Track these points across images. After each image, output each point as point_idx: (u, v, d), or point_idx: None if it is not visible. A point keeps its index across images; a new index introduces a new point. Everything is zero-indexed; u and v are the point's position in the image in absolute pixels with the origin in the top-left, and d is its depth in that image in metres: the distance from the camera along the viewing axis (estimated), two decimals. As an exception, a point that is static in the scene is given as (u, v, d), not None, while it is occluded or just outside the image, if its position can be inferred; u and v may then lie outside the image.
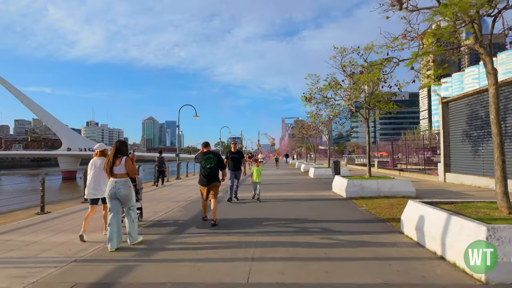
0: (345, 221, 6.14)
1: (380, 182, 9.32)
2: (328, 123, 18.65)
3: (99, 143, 5.71)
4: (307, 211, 7.27)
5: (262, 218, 6.52)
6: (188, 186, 13.72)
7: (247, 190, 10.30)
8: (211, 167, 6.11)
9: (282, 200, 9.05)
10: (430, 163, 21.68)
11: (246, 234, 5.22)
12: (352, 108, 10.66)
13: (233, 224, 6.09)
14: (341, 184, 9.93)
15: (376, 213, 6.83)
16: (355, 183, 9.30)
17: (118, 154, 4.57)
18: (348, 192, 9.20)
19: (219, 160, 6.28)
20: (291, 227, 5.75)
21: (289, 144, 68.30)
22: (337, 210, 7.35)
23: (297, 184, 13.74)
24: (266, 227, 5.74)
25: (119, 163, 4.52)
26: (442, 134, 13.43)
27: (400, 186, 9.26)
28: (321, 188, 12.10)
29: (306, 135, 25.60)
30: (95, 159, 5.24)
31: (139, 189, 6.11)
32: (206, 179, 6.10)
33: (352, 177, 10.25)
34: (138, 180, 6.06)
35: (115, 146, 4.64)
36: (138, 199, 5.87)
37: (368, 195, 9.14)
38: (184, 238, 5.13)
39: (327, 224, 5.86)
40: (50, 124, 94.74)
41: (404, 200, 8.18)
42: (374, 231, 5.30)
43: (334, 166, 13.85)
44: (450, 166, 13.16)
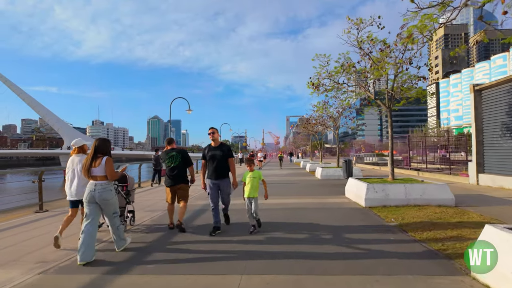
0: (376, 252, 4.18)
1: (409, 187, 7.34)
2: (337, 118, 16.62)
3: (79, 139, 5.15)
4: (315, 228, 5.34)
5: (251, 241, 4.62)
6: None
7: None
8: (174, 166, 5.46)
9: (283, 209, 7.13)
10: (447, 162, 19.68)
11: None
12: (371, 95, 8.67)
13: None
14: (357, 188, 7.98)
15: (414, 233, 4.88)
16: (376, 188, 7.34)
17: (98, 153, 4.15)
18: (368, 200, 7.24)
19: (184, 157, 5.57)
20: (294, 258, 3.83)
21: (293, 142, 66.18)
22: (358, 229, 5.39)
23: (302, 187, 11.79)
24: (257, 260, 3.84)
25: (99, 164, 4.11)
26: (474, 128, 11.36)
27: (434, 192, 7.27)
28: (331, 192, 10.14)
29: (311, 131, 23.55)
30: (73, 157, 4.83)
31: (130, 190, 5.58)
32: (170, 180, 5.46)
33: (371, 180, 8.27)
34: (129, 180, 5.57)
35: (94, 144, 4.20)
36: (129, 202, 5.49)
37: (393, 204, 7.18)
38: (174, 249, 4.49)
39: (350, 255, 3.93)
40: (52, 123, 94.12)
41: (445, 212, 6.22)
42: (425, 271, 3.36)
43: (345, 166, 11.89)
44: (484, 166, 11.10)
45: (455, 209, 6.60)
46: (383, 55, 7.95)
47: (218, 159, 5.27)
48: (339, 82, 9.27)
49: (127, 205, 5.43)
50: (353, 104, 17.49)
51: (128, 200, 5.45)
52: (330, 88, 9.79)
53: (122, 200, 5.27)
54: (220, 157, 5.28)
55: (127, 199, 5.41)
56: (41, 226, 6.04)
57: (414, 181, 7.95)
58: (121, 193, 5.27)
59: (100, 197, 4.03)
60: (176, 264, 3.84)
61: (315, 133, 23.71)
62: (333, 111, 16.34)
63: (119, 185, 5.29)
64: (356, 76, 8.98)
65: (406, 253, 4.01)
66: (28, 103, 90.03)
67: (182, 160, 5.50)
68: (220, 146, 5.41)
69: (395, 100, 8.30)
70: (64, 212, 7.09)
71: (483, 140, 11.12)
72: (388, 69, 7.72)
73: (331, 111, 16.49)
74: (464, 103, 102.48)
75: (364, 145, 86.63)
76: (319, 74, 9.42)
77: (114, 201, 4.20)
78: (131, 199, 5.56)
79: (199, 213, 7.14)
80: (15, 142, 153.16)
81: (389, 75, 8.13)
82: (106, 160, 4.15)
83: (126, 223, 5.43)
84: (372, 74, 8.17)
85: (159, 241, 4.82)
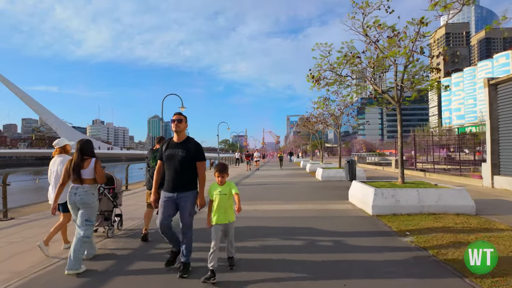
0: (393, 285, 3.27)
1: (422, 192, 6.42)
2: (339, 116, 15.69)
3: (61, 139, 4.75)
4: (317, 248, 4.44)
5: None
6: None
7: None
8: None
9: (278, 219, 6.21)
10: (453, 162, 18.84)
11: None
12: (378, 88, 7.73)
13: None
14: (363, 194, 7.06)
15: (436, 252, 3.96)
16: (385, 194, 6.42)
17: (82, 156, 3.88)
18: (376, 207, 6.32)
19: None
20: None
21: (293, 142, 65.20)
22: (367, 247, 4.47)
23: (302, 190, 10.88)
24: None
25: (87, 166, 3.86)
26: (488, 125, 10.44)
27: (451, 198, 6.35)
28: (333, 196, 9.23)
29: (311, 130, 22.61)
30: (55, 158, 4.51)
31: (117, 193, 5.20)
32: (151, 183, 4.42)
33: (378, 184, 7.36)
34: (117, 182, 5.21)
35: (79, 146, 3.92)
36: (116, 205, 5.14)
37: (405, 211, 6.27)
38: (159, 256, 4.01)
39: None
40: (51, 122, 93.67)
41: (467, 222, 5.35)
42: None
43: (348, 167, 10.97)
44: (500, 167, 10.18)
45: (478, 219, 5.69)
46: (392, 42, 7.03)
47: (179, 160, 3.47)
48: (342, 74, 8.34)
49: (114, 208, 5.09)
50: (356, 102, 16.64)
51: (116, 204, 5.10)
52: (332, 82, 8.87)
53: (109, 203, 5.01)
54: (182, 158, 3.47)
55: (115, 202, 5.07)
56: (1, 237, 5.16)
57: (427, 185, 7.04)
58: (107, 196, 4.98)
59: (80, 200, 3.75)
60: (159, 275, 3.46)
61: (315, 132, 22.77)
62: (335, 109, 15.43)
63: (105, 188, 5.00)
64: (361, 67, 8.05)
65: (432, 283, 3.10)
66: (26, 102, 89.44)
67: None
68: (185, 143, 3.56)
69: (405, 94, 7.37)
70: (33, 219, 6.51)
71: (499, 138, 10.19)
72: (399, 55, 6.79)
73: (333, 108, 15.59)
74: (466, 102, 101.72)
75: (365, 144, 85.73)
76: (319, 66, 8.49)
77: (93, 206, 3.85)
78: (118, 202, 5.19)
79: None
80: (15, 142, 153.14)
81: (398, 65, 7.20)
82: (96, 162, 3.90)
83: (113, 228, 5.09)
84: (380, 64, 7.25)
85: (145, 248, 4.48)
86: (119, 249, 4.40)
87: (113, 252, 4.29)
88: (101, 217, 4.91)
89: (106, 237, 4.91)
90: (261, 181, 14.61)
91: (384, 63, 7.25)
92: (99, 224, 4.89)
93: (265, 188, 11.43)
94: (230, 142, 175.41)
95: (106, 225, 4.93)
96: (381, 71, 7.47)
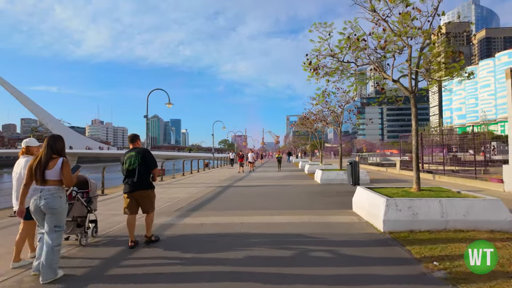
0: None
1: (446, 203, 5.13)
2: (340, 113, 14.39)
3: (29, 138, 4.28)
4: (308, 282, 3.16)
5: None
6: (185, 184, 11.30)
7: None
8: (133, 169, 4.55)
9: (264, 237, 4.92)
10: (459, 163, 17.61)
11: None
12: (388, 76, 6.44)
13: None
14: (371, 204, 5.78)
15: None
16: (400, 205, 5.14)
17: (52, 153, 3.45)
18: (388, 222, 5.04)
19: (145, 157, 4.63)
20: None
21: (293, 142, 63.84)
22: (380, 285, 3.20)
23: (298, 196, 9.59)
24: None
25: (53, 165, 3.42)
26: (511, 121, 9.16)
27: (482, 211, 5.06)
28: (333, 204, 7.95)
29: (310, 129, 21.28)
30: (20, 160, 4.08)
31: (92, 197, 4.83)
32: (128, 186, 4.56)
33: (388, 191, 6.06)
34: (91, 185, 4.84)
35: (47, 142, 3.48)
36: (91, 210, 4.74)
37: (425, 227, 4.98)
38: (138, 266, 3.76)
39: None
40: (46, 122, 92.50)
41: (510, 246, 4.04)
42: None
43: (351, 170, 9.69)
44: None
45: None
46: (406, 19, 5.75)
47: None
48: (344, 61, 7.05)
49: (88, 214, 4.72)
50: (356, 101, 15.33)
51: (90, 208, 4.74)
52: (333, 71, 7.57)
53: (82, 208, 4.64)
54: None
55: (89, 207, 4.71)
56: None
57: (449, 194, 5.75)
58: (81, 201, 4.62)
59: (46, 205, 3.38)
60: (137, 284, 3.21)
61: (314, 130, 21.46)
62: (335, 105, 14.15)
63: (78, 191, 4.62)
64: (368, 52, 6.76)
65: None
66: (21, 102, 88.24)
67: (142, 161, 4.57)
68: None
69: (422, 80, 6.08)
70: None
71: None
72: (414, 33, 5.52)
73: (333, 104, 14.31)
74: (467, 101, 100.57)
75: (366, 144, 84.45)
76: (317, 50, 7.21)
77: (61, 211, 3.49)
78: (93, 207, 4.83)
79: (175, 220, 5.25)
80: (13, 142, 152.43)
81: (414, 45, 5.92)
82: (64, 162, 3.48)
83: (87, 235, 4.71)
84: (390, 45, 5.97)
85: (121, 256, 4.12)
86: (93, 259, 4.01)
87: (85, 262, 3.93)
88: (74, 224, 4.51)
89: (79, 245, 4.53)
90: (255, 184, 13.32)
91: (395, 45, 5.96)
92: (71, 231, 4.51)
93: (257, 195, 10.14)
94: (230, 142, 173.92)
95: (79, 232, 4.55)
96: (394, 52, 6.15)
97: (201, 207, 7.91)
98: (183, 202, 8.55)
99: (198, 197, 9.48)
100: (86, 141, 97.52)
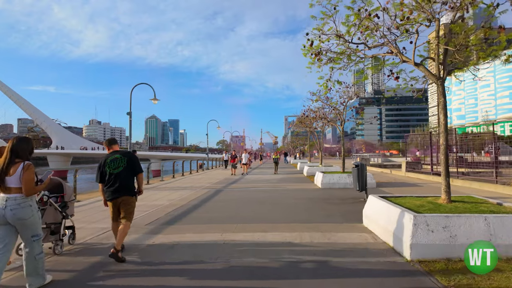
0: None
1: (493, 220, 3.86)
2: (342, 111, 13.13)
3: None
4: None
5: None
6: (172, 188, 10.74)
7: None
8: (117, 173, 4.14)
9: (248, 271, 3.64)
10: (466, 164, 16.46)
11: None
12: (408, 59, 5.18)
13: None
14: (390, 219, 4.49)
15: None
16: (431, 224, 3.86)
17: (15, 158, 3.11)
18: (417, 247, 3.76)
19: (131, 162, 4.23)
20: None
21: (291, 142, 62.57)
22: None
23: (296, 204, 8.32)
24: None
25: (14, 171, 3.06)
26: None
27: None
28: (339, 215, 6.69)
29: (309, 127, 19.98)
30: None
31: (68, 201, 4.46)
32: (111, 192, 4.13)
33: (412, 204, 4.78)
34: (66, 189, 4.49)
35: (10, 145, 3.15)
36: (66, 216, 4.40)
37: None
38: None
39: None
40: (40, 121, 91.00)
41: None
42: None
43: (357, 174, 8.41)
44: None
45: None
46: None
47: None
48: (353, 42, 5.78)
49: (63, 220, 4.39)
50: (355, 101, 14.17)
51: (65, 214, 4.43)
52: (338, 56, 6.30)
53: (56, 214, 4.30)
54: None
55: (64, 212, 4.39)
56: None
57: (491, 207, 4.48)
58: (54, 206, 4.26)
59: (13, 216, 3.01)
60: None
61: (313, 130, 20.17)
62: (337, 101, 12.89)
63: (51, 196, 4.29)
64: (384, 30, 5.49)
65: None
66: (15, 101, 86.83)
67: (128, 165, 4.25)
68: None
69: (452, 65, 4.82)
70: None
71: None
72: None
73: (334, 101, 13.06)
74: (467, 102, 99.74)
75: (365, 144, 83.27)
76: (320, 30, 5.94)
77: (33, 221, 3.13)
78: (69, 212, 4.53)
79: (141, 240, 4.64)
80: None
81: (441, 17, 4.66)
82: (25, 167, 3.07)
83: (62, 243, 4.34)
84: (415, 19, 4.71)
85: (100, 266, 3.69)
86: (67, 272, 3.61)
87: (60, 273, 3.56)
88: (47, 231, 4.18)
89: (53, 254, 4.18)
90: (248, 189, 12.02)
91: (420, 15, 4.70)
92: (44, 239, 4.08)
93: (249, 202, 8.86)
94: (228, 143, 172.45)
95: (54, 240, 4.23)
96: (420, 24, 4.87)
97: (180, 218, 6.62)
98: (161, 212, 7.26)
99: (181, 205, 8.19)
100: (82, 142, 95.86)
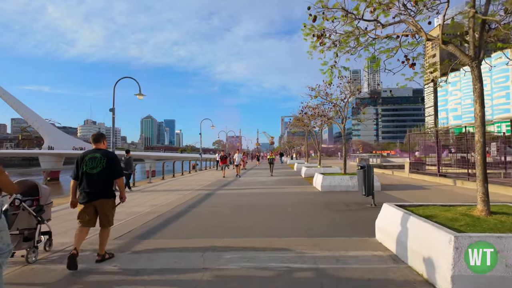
0: None
1: None
2: (344, 107, 12.16)
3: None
4: None
5: None
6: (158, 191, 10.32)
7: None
8: (95, 173, 3.82)
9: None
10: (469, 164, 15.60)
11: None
12: (433, 37, 4.21)
13: None
14: (417, 238, 3.49)
15: None
16: (483, 251, 2.87)
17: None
18: (462, 280, 2.77)
19: (111, 163, 3.91)
20: None
21: (288, 142, 61.66)
22: None
23: (294, 213, 7.31)
24: None
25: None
26: None
27: None
28: (345, 226, 5.69)
29: (307, 126, 19.01)
30: None
31: (44, 205, 4.16)
32: (87, 194, 3.79)
33: (444, 217, 3.79)
34: (42, 191, 4.18)
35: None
36: (42, 220, 4.08)
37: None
38: None
39: None
40: (32, 121, 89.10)
41: None
42: None
43: (363, 176, 7.43)
44: None
45: None
46: None
47: None
48: (364, 19, 4.79)
49: (38, 225, 3.98)
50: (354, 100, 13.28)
51: (41, 219, 4.02)
52: (345, 39, 5.31)
53: (30, 219, 3.92)
54: None
55: (39, 217, 4.00)
56: None
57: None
58: (28, 210, 3.88)
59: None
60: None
61: (311, 128, 19.20)
62: (337, 97, 11.92)
63: (26, 199, 3.95)
64: (400, 6, 4.51)
65: None
66: (5, 100, 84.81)
67: (107, 166, 3.84)
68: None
69: (491, 43, 3.85)
70: None
71: None
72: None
73: (334, 96, 12.09)
74: (463, 102, 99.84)
75: (363, 144, 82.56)
76: (325, 6, 4.95)
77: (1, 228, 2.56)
78: (45, 216, 4.13)
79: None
80: (1, 142, 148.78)
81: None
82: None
83: (37, 250, 3.92)
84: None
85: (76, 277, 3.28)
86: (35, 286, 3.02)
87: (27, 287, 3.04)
88: (19, 237, 3.75)
89: (26, 263, 3.73)
90: (241, 192, 10.98)
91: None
92: (16, 246, 3.67)
93: (241, 209, 7.83)
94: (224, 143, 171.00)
95: (27, 247, 3.79)
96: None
97: (158, 230, 5.57)
98: (137, 222, 6.21)
99: (163, 212, 7.15)
100: (74, 142, 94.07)
